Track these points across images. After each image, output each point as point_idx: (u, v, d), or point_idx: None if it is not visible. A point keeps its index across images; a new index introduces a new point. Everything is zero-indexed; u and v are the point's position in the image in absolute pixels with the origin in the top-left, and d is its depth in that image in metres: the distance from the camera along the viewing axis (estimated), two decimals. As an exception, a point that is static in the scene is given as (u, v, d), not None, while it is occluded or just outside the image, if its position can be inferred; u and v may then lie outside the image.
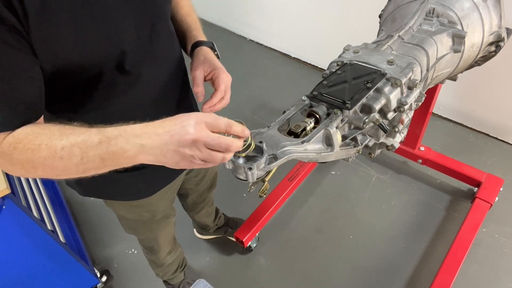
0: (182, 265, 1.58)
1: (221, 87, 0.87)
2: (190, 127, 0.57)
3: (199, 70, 0.88)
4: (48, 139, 0.60)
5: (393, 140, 1.06)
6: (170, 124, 0.59)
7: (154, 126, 0.60)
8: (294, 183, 1.83)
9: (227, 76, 0.90)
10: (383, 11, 1.41)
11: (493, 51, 1.34)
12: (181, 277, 1.61)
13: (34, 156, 0.60)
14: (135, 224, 1.19)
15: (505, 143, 2.14)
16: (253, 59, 2.87)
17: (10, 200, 1.13)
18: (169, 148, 0.58)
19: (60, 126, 0.62)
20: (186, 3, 0.99)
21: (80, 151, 0.59)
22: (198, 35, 0.95)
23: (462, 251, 1.55)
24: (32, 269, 1.36)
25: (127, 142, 0.59)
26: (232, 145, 0.60)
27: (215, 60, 0.91)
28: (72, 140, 0.59)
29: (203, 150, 0.58)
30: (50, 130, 0.61)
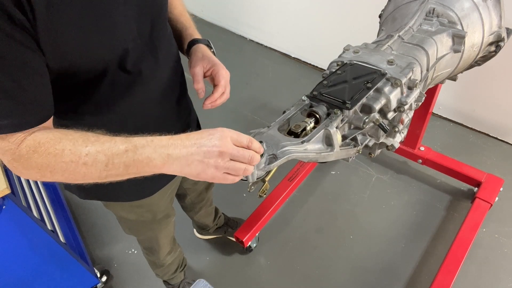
0: (182, 265, 1.58)
1: (221, 82, 0.89)
2: (217, 140, 0.62)
3: (199, 67, 0.89)
4: (72, 145, 0.61)
5: (393, 140, 1.06)
6: (197, 137, 0.63)
7: (181, 138, 0.63)
8: (294, 183, 1.83)
9: (226, 72, 0.92)
10: (383, 11, 1.41)
11: (493, 51, 1.34)
12: (181, 277, 1.61)
13: (56, 161, 0.60)
14: (136, 225, 1.19)
15: (505, 143, 2.14)
16: (253, 59, 2.87)
17: (10, 200, 1.13)
18: (195, 158, 0.62)
19: (83, 133, 0.63)
20: (178, 3, 1.00)
21: (105, 158, 0.61)
22: (193, 33, 0.96)
23: (462, 251, 1.55)
24: (32, 269, 1.36)
25: (154, 152, 0.61)
26: (254, 157, 0.65)
27: (213, 57, 0.93)
28: (97, 147, 0.61)
29: (228, 162, 0.62)
30: (74, 136, 0.62)
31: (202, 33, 1.00)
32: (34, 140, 0.61)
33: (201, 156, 0.61)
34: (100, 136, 0.63)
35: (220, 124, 0.70)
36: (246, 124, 2.32)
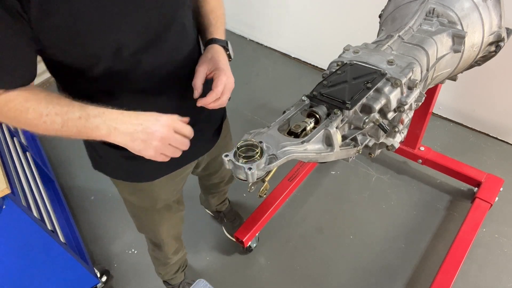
0: (183, 266, 1.59)
1: (217, 88, 0.87)
2: (161, 127, 0.72)
3: (203, 66, 0.89)
4: (36, 105, 0.71)
5: (393, 140, 1.06)
6: (144, 119, 0.72)
7: (130, 116, 0.72)
8: (294, 183, 1.83)
9: (228, 78, 0.89)
10: (383, 11, 1.41)
11: (493, 51, 1.34)
12: (181, 278, 1.61)
13: (22, 116, 0.71)
14: (137, 210, 1.19)
15: (505, 143, 2.14)
16: (253, 59, 2.87)
17: (10, 200, 1.13)
18: (139, 137, 0.72)
19: (47, 94, 0.73)
20: (213, 2, 0.97)
21: (61, 120, 0.71)
22: (214, 32, 0.95)
23: (462, 251, 1.55)
24: (32, 269, 1.36)
25: (103, 123, 0.71)
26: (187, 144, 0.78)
27: (222, 61, 0.90)
28: (57, 110, 0.71)
29: (166, 146, 0.74)
30: (39, 97, 0.72)
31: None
32: (6, 97, 0.71)
33: (144, 137, 0.72)
34: (62, 100, 0.72)
35: (220, 124, 0.71)
36: (246, 124, 2.32)
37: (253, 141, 0.76)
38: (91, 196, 2.07)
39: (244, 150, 0.75)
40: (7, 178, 1.15)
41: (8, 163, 1.48)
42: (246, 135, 0.81)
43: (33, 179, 1.67)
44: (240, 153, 0.74)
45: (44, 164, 2.06)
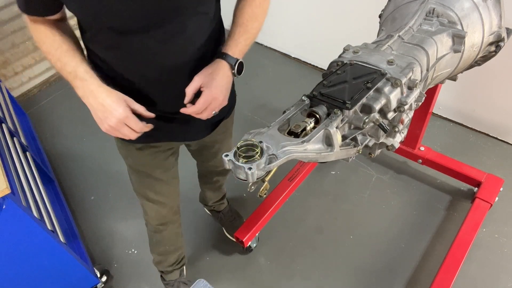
0: (179, 262, 1.59)
1: (197, 106, 0.90)
2: (115, 117, 0.85)
3: (200, 77, 0.91)
4: (49, 43, 0.89)
5: (393, 140, 1.06)
6: (109, 103, 0.85)
7: (102, 94, 0.86)
8: (294, 183, 1.83)
9: (214, 99, 0.90)
10: (383, 11, 1.41)
11: (493, 51, 1.34)
12: (176, 275, 1.61)
13: (40, 44, 0.90)
14: (130, 170, 1.26)
15: (505, 143, 2.14)
16: (253, 59, 2.87)
17: (10, 200, 1.13)
18: (99, 114, 0.87)
19: (63, 40, 0.89)
20: (248, 13, 0.95)
21: (59, 66, 0.88)
22: (231, 47, 0.93)
23: (462, 251, 1.55)
24: (32, 269, 1.36)
25: (82, 87, 0.87)
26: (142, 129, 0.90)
27: (217, 80, 0.90)
28: (60, 56, 0.88)
29: (117, 130, 0.87)
30: (55, 38, 0.88)
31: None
32: (35, 26, 0.89)
33: (102, 115, 0.86)
34: (70, 50, 0.88)
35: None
36: (246, 124, 2.33)
37: (253, 141, 0.76)
38: (91, 196, 2.07)
39: (244, 150, 0.75)
40: (7, 178, 1.15)
41: (8, 163, 1.48)
42: (246, 135, 0.81)
43: (33, 179, 1.67)
44: (240, 153, 0.74)
45: (44, 164, 2.06)
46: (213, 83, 0.90)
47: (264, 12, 0.98)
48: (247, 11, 0.95)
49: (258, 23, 0.97)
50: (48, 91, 2.72)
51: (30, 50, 2.60)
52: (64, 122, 2.46)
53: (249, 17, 0.95)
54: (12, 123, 1.98)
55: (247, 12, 0.95)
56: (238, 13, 0.95)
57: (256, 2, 0.96)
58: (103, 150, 2.21)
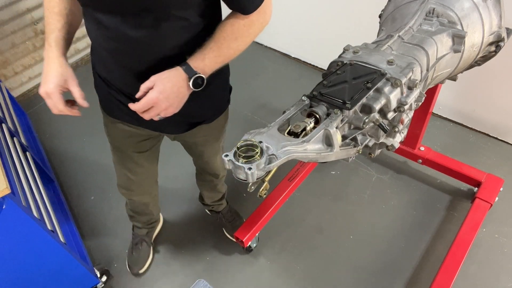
0: (149, 224, 1.75)
1: (138, 104, 0.90)
2: (42, 89, 0.94)
3: (154, 77, 0.89)
4: (48, 12, 0.98)
5: (393, 140, 1.06)
6: (52, 73, 0.94)
7: (55, 63, 0.95)
8: (294, 183, 1.83)
9: (154, 102, 0.89)
10: (383, 11, 1.41)
11: (493, 51, 1.34)
12: (144, 232, 1.76)
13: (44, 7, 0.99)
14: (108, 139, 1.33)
15: (505, 143, 2.14)
16: (253, 59, 2.87)
17: (10, 200, 1.13)
18: (42, 78, 0.96)
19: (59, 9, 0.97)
20: (227, 31, 0.91)
21: (45, 23, 0.99)
22: (195, 58, 0.91)
23: (462, 251, 1.55)
24: (32, 269, 1.36)
25: (46, 51, 0.97)
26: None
27: (166, 86, 0.88)
28: (48, 15, 0.98)
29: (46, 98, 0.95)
30: (53, 11, 0.97)
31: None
32: None
33: (43, 80, 0.95)
34: (58, 14, 0.97)
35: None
36: (246, 124, 2.32)
37: (253, 141, 0.76)
38: (91, 196, 2.07)
39: (244, 150, 0.75)
40: (7, 178, 1.15)
41: (8, 163, 1.48)
42: (246, 135, 0.81)
43: (33, 179, 1.67)
44: (240, 153, 0.74)
45: (44, 164, 2.06)
46: (160, 87, 0.88)
47: (249, 35, 0.93)
48: (226, 29, 0.91)
49: (237, 45, 0.93)
50: (48, 91, 2.72)
51: (30, 50, 2.60)
52: (64, 122, 2.45)
53: (227, 36, 0.91)
54: (12, 123, 1.98)
55: (226, 30, 0.91)
56: (218, 28, 0.92)
57: (239, 23, 0.91)
58: (103, 150, 2.21)
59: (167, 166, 1.82)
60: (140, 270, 1.74)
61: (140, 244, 1.76)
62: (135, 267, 1.73)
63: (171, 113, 0.93)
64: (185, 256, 1.79)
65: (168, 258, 1.79)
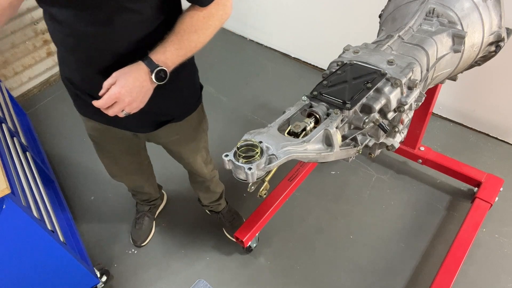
0: (151, 201, 1.82)
1: (101, 100, 0.90)
2: None
3: (116, 74, 0.89)
4: None
5: (393, 140, 1.06)
6: None
7: None
8: (294, 183, 1.83)
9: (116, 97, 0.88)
10: (383, 11, 1.41)
11: (493, 51, 1.34)
12: (146, 208, 1.85)
13: None
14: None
15: (505, 143, 2.14)
16: (253, 59, 2.87)
17: (10, 200, 1.13)
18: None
19: None
20: (187, 23, 0.92)
21: None
22: (156, 52, 0.91)
23: (462, 251, 1.55)
24: (32, 269, 1.36)
25: None
26: None
27: (128, 81, 0.88)
28: None
29: None
30: None
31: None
32: None
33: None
34: None
35: (220, 124, 0.71)
36: (246, 124, 2.33)
37: (253, 141, 0.76)
38: (91, 196, 2.07)
39: (244, 150, 0.75)
40: (7, 178, 1.14)
41: (8, 163, 1.48)
42: (246, 135, 0.81)
43: (33, 179, 1.67)
44: (240, 153, 0.74)
45: (44, 164, 2.06)
46: (122, 82, 0.88)
47: (208, 27, 0.94)
48: (186, 22, 0.91)
49: (198, 37, 0.93)
50: (48, 91, 2.72)
51: (30, 50, 2.60)
52: (64, 122, 2.45)
53: (187, 28, 0.91)
54: (12, 123, 1.98)
55: (186, 22, 0.91)
56: (178, 21, 0.92)
57: (199, 15, 0.92)
58: (103, 150, 2.21)
59: (166, 165, 1.82)
60: (143, 243, 1.84)
61: (143, 219, 1.85)
62: (138, 240, 1.84)
63: (136, 108, 0.92)
64: (185, 256, 1.79)
65: (168, 258, 1.79)
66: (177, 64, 0.94)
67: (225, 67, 2.78)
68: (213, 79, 2.65)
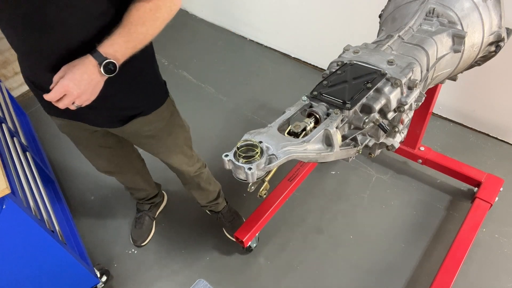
0: (149, 199, 1.84)
1: (50, 93, 0.91)
2: None
3: (65, 67, 0.91)
4: None
5: (393, 140, 1.06)
6: None
7: None
8: (294, 183, 1.83)
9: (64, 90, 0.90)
10: (383, 11, 1.41)
11: (493, 51, 1.34)
12: (146, 207, 1.86)
13: None
14: None
15: (505, 143, 2.14)
16: (253, 59, 2.87)
17: (10, 200, 1.13)
18: None
19: None
20: (134, 16, 0.92)
21: None
22: (104, 44, 0.91)
23: (462, 251, 1.55)
24: (32, 269, 1.36)
25: None
26: None
27: (76, 74, 0.89)
28: None
29: None
30: None
31: (203, 33, 0.99)
32: None
33: None
34: None
35: (220, 124, 0.71)
36: (246, 124, 2.33)
37: (253, 141, 0.76)
38: (91, 196, 2.07)
39: (244, 150, 0.75)
40: (7, 178, 1.15)
41: (8, 163, 1.48)
42: (246, 135, 0.81)
43: (33, 179, 1.67)
44: (240, 153, 0.74)
45: (44, 164, 2.06)
46: (70, 75, 0.89)
47: (156, 19, 0.94)
48: (133, 14, 0.91)
49: (146, 29, 0.93)
50: (48, 91, 2.72)
51: (30, 50, 2.61)
52: (64, 122, 2.46)
53: (134, 21, 0.92)
54: (12, 123, 1.98)
55: (133, 15, 0.92)
56: (126, 14, 0.93)
57: (145, 7, 0.92)
58: (103, 150, 2.21)
59: (166, 166, 1.82)
60: (143, 243, 1.85)
61: (143, 219, 1.86)
62: (138, 240, 1.85)
63: (86, 100, 0.93)
64: (185, 256, 1.80)
65: (168, 258, 1.79)
66: (127, 57, 0.94)
67: (225, 67, 2.78)
68: (213, 79, 2.65)
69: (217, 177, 1.73)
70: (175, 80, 2.69)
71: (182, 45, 2.99)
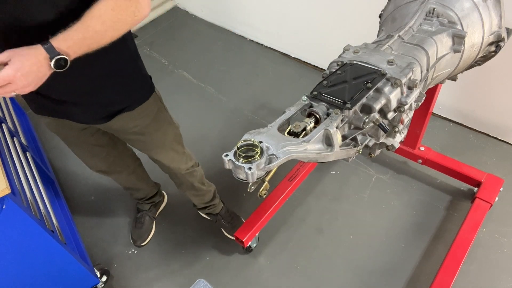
0: (148, 199, 1.84)
1: None
2: None
3: (10, 52, 0.85)
4: None
5: (393, 140, 1.06)
6: None
7: None
8: (294, 183, 1.83)
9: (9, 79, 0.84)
10: (383, 11, 1.41)
11: (493, 51, 1.34)
12: (146, 207, 1.86)
13: None
14: None
15: (505, 143, 2.14)
16: (253, 59, 2.87)
17: (10, 200, 1.13)
18: None
19: None
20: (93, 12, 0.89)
21: None
22: (57, 38, 0.87)
23: (462, 251, 1.55)
24: (32, 269, 1.36)
25: None
26: None
27: (24, 64, 0.85)
28: None
29: None
30: None
31: (203, 33, 0.99)
32: None
33: None
34: None
35: (220, 124, 0.71)
36: (246, 124, 2.32)
37: (253, 141, 0.76)
38: (91, 196, 2.07)
39: (244, 150, 0.75)
40: (7, 178, 1.15)
41: (8, 163, 1.48)
42: (246, 135, 0.81)
43: (33, 179, 1.67)
44: (240, 153, 0.74)
45: (44, 164, 2.06)
46: (18, 65, 0.84)
47: (117, 20, 0.91)
48: (93, 12, 0.88)
49: (105, 29, 0.90)
50: (48, 91, 2.72)
51: (30, 50, 2.60)
52: (64, 122, 2.46)
53: (93, 17, 0.88)
54: (12, 123, 1.98)
55: (92, 11, 0.88)
56: (87, 11, 0.89)
57: (106, 6, 0.89)
58: (103, 150, 2.21)
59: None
60: (143, 243, 1.85)
61: (143, 218, 1.87)
62: (138, 240, 1.85)
63: (27, 91, 0.89)
64: (185, 256, 1.80)
65: (168, 258, 1.79)
66: (80, 54, 0.90)
67: (225, 67, 2.78)
68: (213, 79, 2.65)
69: (217, 177, 1.73)
70: (175, 80, 2.69)
71: (182, 45, 2.99)
